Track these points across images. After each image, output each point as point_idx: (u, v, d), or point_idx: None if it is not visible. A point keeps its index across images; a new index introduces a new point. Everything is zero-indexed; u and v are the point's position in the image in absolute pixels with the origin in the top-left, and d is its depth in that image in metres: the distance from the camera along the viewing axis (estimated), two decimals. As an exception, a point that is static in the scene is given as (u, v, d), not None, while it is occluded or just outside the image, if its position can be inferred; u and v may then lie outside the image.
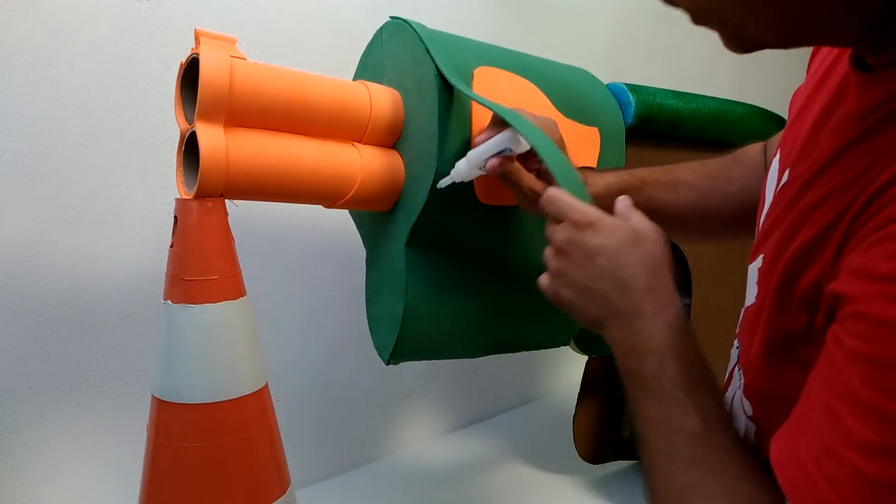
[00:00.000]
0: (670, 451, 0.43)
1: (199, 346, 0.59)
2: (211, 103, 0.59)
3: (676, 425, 0.43)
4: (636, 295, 0.47)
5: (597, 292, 0.49)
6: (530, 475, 1.13)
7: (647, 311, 0.47)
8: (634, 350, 0.47)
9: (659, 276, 0.48)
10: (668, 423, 0.44)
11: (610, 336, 0.49)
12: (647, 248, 0.49)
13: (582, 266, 0.50)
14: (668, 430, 0.44)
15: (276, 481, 0.64)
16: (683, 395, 0.44)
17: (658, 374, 0.45)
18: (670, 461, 0.43)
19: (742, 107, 1.00)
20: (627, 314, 0.48)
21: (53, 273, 0.80)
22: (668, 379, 0.45)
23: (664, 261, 0.49)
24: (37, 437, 0.81)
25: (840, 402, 0.32)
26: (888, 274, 0.30)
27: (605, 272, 0.48)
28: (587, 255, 0.49)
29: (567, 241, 0.51)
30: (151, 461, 0.60)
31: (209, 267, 0.59)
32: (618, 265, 0.48)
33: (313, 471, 1.08)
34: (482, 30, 1.24)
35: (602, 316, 0.49)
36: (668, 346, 0.46)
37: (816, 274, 0.37)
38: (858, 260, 0.33)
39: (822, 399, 0.33)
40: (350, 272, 1.05)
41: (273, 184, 0.64)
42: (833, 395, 0.32)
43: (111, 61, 0.81)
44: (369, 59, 0.80)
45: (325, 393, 1.10)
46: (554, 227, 0.53)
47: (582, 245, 0.49)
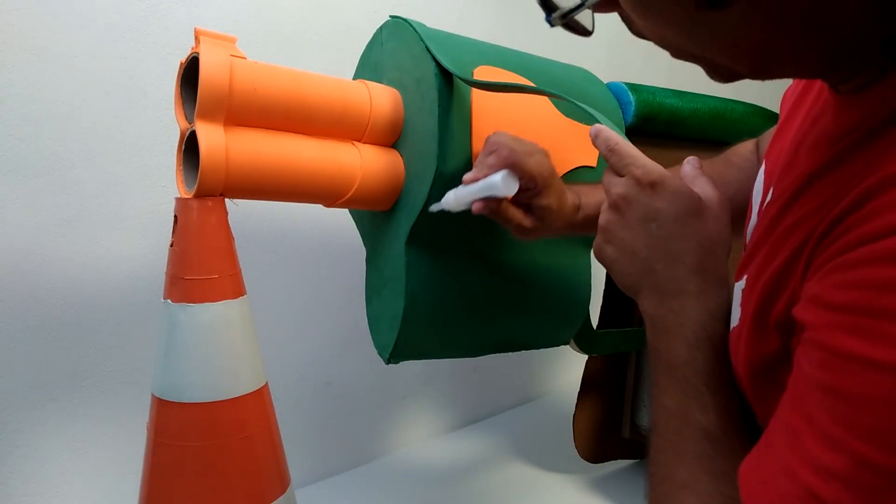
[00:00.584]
0: (680, 445, 0.42)
1: (199, 345, 0.59)
2: (211, 102, 0.59)
3: (693, 420, 0.42)
4: (682, 272, 0.44)
5: (642, 259, 0.46)
6: (530, 474, 1.13)
7: (691, 291, 0.44)
8: (668, 330, 0.45)
9: (712, 257, 0.45)
10: (684, 416, 0.42)
11: (645, 309, 0.47)
12: (706, 222, 0.46)
13: (633, 227, 0.46)
14: (683, 423, 0.42)
15: (276, 480, 0.64)
16: (706, 391, 0.42)
17: (686, 362, 0.43)
18: (678, 454, 0.42)
19: (741, 106, 1.01)
20: (668, 290, 0.45)
21: (53, 273, 0.80)
22: (695, 371, 0.43)
23: (722, 240, 0.46)
24: (37, 437, 0.81)
25: (803, 423, 0.32)
26: (843, 304, 0.30)
27: (655, 240, 0.45)
28: (641, 217, 0.46)
29: (624, 196, 0.47)
30: (151, 460, 0.60)
31: (209, 266, 0.59)
32: (670, 235, 0.45)
33: (313, 470, 1.08)
34: (482, 30, 1.24)
35: (641, 285, 0.47)
36: (704, 335, 0.43)
37: (787, 299, 0.37)
38: (816, 287, 0.33)
39: (788, 419, 0.34)
40: (350, 272, 1.05)
41: (273, 183, 0.64)
42: (797, 415, 0.33)
43: (111, 61, 0.81)
44: (369, 58, 0.80)
45: (325, 392, 1.10)
46: (612, 178, 0.49)
47: (639, 205, 0.46)
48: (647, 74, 1.60)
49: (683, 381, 0.43)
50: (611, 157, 0.50)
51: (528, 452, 1.21)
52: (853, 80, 0.37)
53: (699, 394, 0.42)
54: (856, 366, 0.29)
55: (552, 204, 0.65)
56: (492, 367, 1.37)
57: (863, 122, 0.36)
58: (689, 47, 0.37)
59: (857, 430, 0.29)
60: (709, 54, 0.37)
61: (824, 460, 0.30)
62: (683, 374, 0.43)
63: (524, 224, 0.65)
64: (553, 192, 0.65)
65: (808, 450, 0.31)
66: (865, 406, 0.28)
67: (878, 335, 0.28)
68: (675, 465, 0.42)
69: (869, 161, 0.33)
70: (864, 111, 0.36)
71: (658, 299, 0.45)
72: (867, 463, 0.28)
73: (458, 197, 0.64)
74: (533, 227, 0.66)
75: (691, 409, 0.42)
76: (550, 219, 0.66)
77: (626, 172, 0.48)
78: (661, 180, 0.46)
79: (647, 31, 0.37)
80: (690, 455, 0.41)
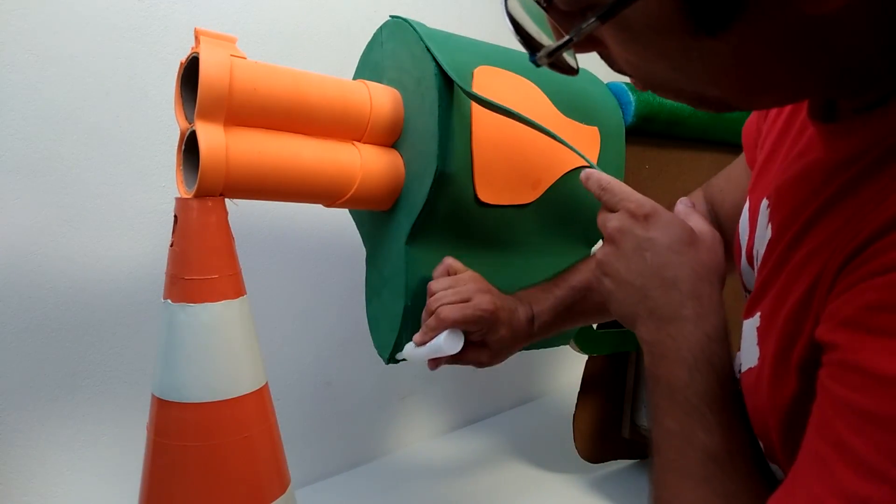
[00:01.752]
0: (684, 467, 0.42)
1: (199, 345, 0.59)
2: (211, 102, 0.59)
3: (697, 442, 0.42)
4: (678, 298, 0.45)
5: (637, 288, 0.47)
6: (530, 474, 1.13)
7: (687, 316, 0.45)
8: (666, 355, 0.45)
9: (706, 284, 0.46)
10: (688, 438, 0.42)
11: (643, 336, 0.47)
12: (700, 251, 0.47)
13: (628, 258, 0.47)
14: (687, 445, 0.42)
15: (276, 480, 0.64)
16: (709, 412, 0.42)
17: (687, 384, 0.43)
18: (682, 476, 0.42)
19: (742, 106, 1.01)
20: (665, 316, 0.45)
21: (53, 273, 0.80)
22: (696, 392, 0.43)
23: (716, 269, 0.47)
24: (37, 437, 0.81)
25: (831, 450, 0.31)
26: (882, 327, 0.29)
27: (650, 268, 0.46)
28: (636, 247, 0.47)
29: (619, 229, 0.48)
30: (151, 460, 0.60)
31: (209, 266, 0.59)
32: (665, 263, 0.46)
33: (313, 470, 1.08)
34: (482, 30, 1.24)
35: (638, 313, 0.47)
36: (703, 357, 0.43)
37: (809, 333, 0.36)
38: (848, 309, 0.32)
39: (814, 448, 0.33)
40: (350, 272, 1.05)
41: (273, 183, 0.64)
42: (824, 443, 0.32)
43: (111, 61, 0.81)
44: (369, 58, 0.80)
45: (324, 392, 1.10)
46: (607, 215, 0.51)
47: (633, 236, 0.47)
48: (647, 74, 1.60)
49: (685, 404, 0.43)
50: (603, 195, 0.52)
51: (528, 452, 1.21)
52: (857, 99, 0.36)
53: (701, 414, 0.42)
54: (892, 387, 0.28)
55: (504, 335, 0.68)
56: (492, 368, 1.36)
57: (870, 147, 0.35)
58: (677, 82, 0.36)
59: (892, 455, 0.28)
60: (699, 87, 0.36)
61: (857, 489, 0.29)
62: (685, 397, 0.43)
63: (482, 360, 0.69)
64: (501, 324, 0.67)
65: (837, 479, 0.30)
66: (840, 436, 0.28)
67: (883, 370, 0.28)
68: (681, 487, 0.42)
69: (885, 185, 0.32)
70: (869, 137, 0.35)
71: (655, 325, 0.46)
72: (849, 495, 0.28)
73: (412, 357, 0.68)
74: (490, 360, 0.70)
75: (694, 431, 0.42)
76: (506, 346, 0.69)
77: (620, 207, 0.50)
78: (653, 212, 0.48)
79: (631, 67, 0.36)
80: (697, 477, 0.41)
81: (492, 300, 0.66)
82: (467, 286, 0.66)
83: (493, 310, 0.65)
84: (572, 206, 0.81)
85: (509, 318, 0.68)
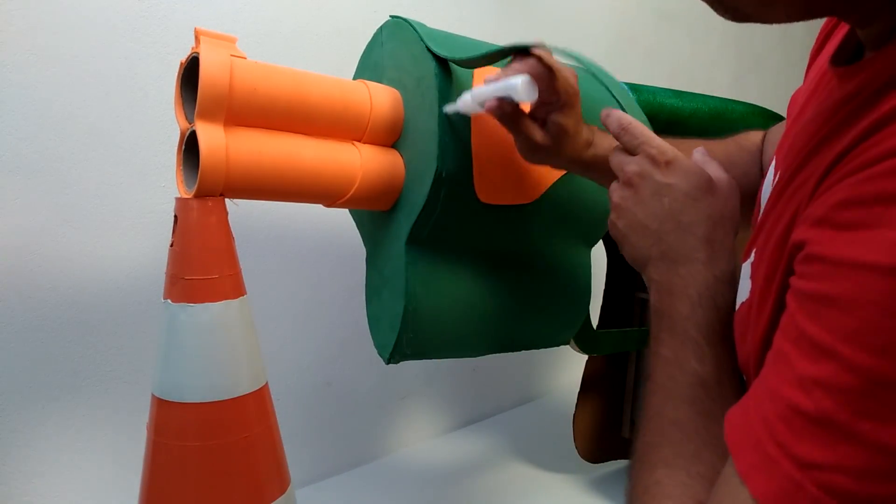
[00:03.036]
0: (672, 389, 0.44)
1: (199, 345, 0.59)
2: (211, 102, 0.59)
3: (688, 368, 0.44)
4: (692, 241, 0.47)
5: (653, 231, 0.48)
6: (530, 475, 1.13)
7: (699, 258, 0.46)
8: (672, 291, 0.47)
9: (720, 230, 0.47)
10: (680, 364, 0.44)
11: (652, 276, 0.49)
12: (717, 199, 0.48)
13: (647, 202, 0.49)
14: (678, 370, 0.44)
15: (276, 480, 0.64)
16: (705, 344, 0.44)
17: (688, 316, 0.45)
18: (668, 397, 0.44)
19: (742, 106, 1.01)
20: (677, 258, 0.47)
21: (53, 273, 0.80)
22: (695, 324, 0.45)
23: (731, 217, 0.48)
24: (37, 437, 0.81)
25: (791, 345, 0.31)
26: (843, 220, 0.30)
27: (668, 212, 0.48)
28: (655, 192, 0.48)
29: (639, 174, 0.49)
30: (151, 460, 0.60)
31: (209, 266, 0.59)
32: (683, 208, 0.47)
33: (313, 470, 1.08)
34: (482, 30, 1.24)
35: (651, 256, 0.49)
36: (707, 294, 0.45)
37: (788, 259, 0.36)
38: (818, 210, 0.32)
39: (777, 347, 0.33)
40: (350, 272, 1.05)
41: (273, 183, 0.65)
42: (786, 339, 0.32)
43: (111, 61, 0.81)
44: (369, 58, 0.80)
45: (325, 392, 1.10)
46: (625, 157, 0.51)
47: (653, 181, 0.48)
48: (647, 74, 1.60)
49: (683, 335, 0.45)
50: (623, 135, 0.52)
51: (528, 452, 1.21)
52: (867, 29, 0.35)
53: (697, 344, 0.44)
54: (848, 270, 0.28)
55: (569, 125, 0.61)
56: (492, 367, 1.37)
57: (872, 81, 0.34)
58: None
59: (842, 333, 0.28)
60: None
61: (808, 371, 0.29)
62: (684, 328, 0.45)
63: (535, 138, 0.62)
64: (573, 113, 0.61)
65: (792, 367, 0.30)
66: (853, 308, 0.28)
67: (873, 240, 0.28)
68: (665, 406, 0.44)
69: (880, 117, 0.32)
70: (872, 73, 0.35)
71: (666, 266, 0.47)
72: (852, 366, 0.27)
73: (475, 95, 0.61)
74: (544, 143, 0.62)
75: (688, 359, 0.44)
76: (563, 141, 0.62)
77: (640, 151, 0.50)
78: (675, 159, 0.49)
79: None
80: (682, 397, 0.43)
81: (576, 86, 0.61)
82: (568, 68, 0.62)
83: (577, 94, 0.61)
84: (572, 206, 0.81)
85: (579, 117, 0.63)
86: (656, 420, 0.44)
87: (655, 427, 0.43)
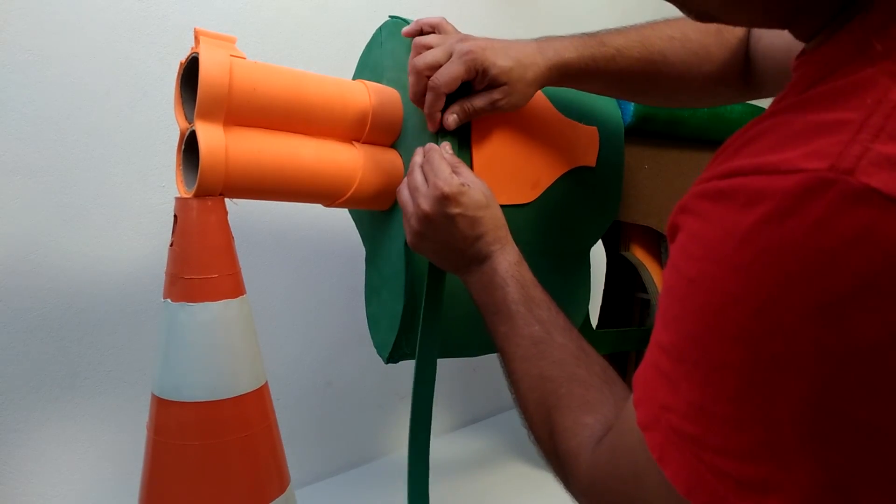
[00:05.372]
0: (521, 353, 0.53)
1: (199, 344, 0.59)
2: (210, 102, 0.59)
3: (523, 332, 0.53)
4: (486, 244, 0.59)
5: (456, 249, 0.59)
6: (530, 474, 1.13)
7: (494, 252, 0.59)
8: (485, 285, 0.58)
9: (502, 229, 0.60)
10: (516, 332, 0.54)
11: (467, 279, 0.61)
12: (493, 209, 0.60)
13: (444, 230, 0.59)
14: (517, 337, 0.54)
15: (276, 480, 0.64)
16: (525, 311, 0.54)
17: (503, 298, 0.56)
18: (523, 360, 0.53)
19: (741, 106, 1.01)
20: (481, 259, 0.59)
21: (53, 272, 0.80)
22: (511, 300, 0.55)
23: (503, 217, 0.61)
24: (37, 437, 0.81)
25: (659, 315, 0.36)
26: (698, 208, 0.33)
27: (464, 232, 0.58)
28: (450, 222, 0.58)
29: (433, 210, 0.58)
30: (151, 460, 0.60)
31: (209, 265, 0.59)
32: (474, 225, 0.58)
33: (313, 470, 1.08)
34: (482, 30, 1.24)
35: (460, 265, 0.60)
36: (510, 275, 0.57)
37: None
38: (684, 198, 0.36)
39: None
40: (350, 271, 1.05)
41: (272, 182, 0.65)
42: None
43: (111, 61, 0.81)
44: (369, 58, 0.80)
45: (325, 392, 1.10)
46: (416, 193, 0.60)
47: (446, 214, 0.58)
48: (646, 74, 1.60)
49: (506, 310, 0.55)
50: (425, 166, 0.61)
51: (529, 452, 1.21)
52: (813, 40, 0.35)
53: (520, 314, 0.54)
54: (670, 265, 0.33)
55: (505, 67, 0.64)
56: (492, 367, 1.36)
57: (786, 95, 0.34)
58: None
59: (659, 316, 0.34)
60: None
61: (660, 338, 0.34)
62: (505, 306, 0.55)
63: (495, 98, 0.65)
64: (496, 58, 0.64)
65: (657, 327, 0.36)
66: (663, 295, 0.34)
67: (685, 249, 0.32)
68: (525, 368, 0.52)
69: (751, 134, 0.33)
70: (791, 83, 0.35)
71: (475, 268, 0.59)
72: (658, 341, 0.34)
73: None
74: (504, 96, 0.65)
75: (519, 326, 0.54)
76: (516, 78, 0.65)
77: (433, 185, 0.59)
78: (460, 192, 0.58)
79: None
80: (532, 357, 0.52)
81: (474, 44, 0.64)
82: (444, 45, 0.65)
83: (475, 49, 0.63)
84: (572, 206, 0.81)
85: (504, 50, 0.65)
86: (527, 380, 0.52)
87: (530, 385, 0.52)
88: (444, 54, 0.63)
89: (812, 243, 0.25)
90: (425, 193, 0.59)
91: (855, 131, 0.26)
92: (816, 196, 0.25)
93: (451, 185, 0.58)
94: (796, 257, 0.26)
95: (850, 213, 0.25)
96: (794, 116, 0.30)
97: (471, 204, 0.58)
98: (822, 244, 0.25)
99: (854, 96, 0.28)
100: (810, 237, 0.25)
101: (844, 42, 0.31)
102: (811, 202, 0.26)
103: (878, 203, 0.24)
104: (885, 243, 0.24)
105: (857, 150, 0.25)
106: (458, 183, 0.58)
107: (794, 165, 0.27)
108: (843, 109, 0.27)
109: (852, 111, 0.27)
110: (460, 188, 0.58)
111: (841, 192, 0.25)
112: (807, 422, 0.27)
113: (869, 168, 0.25)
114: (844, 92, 0.28)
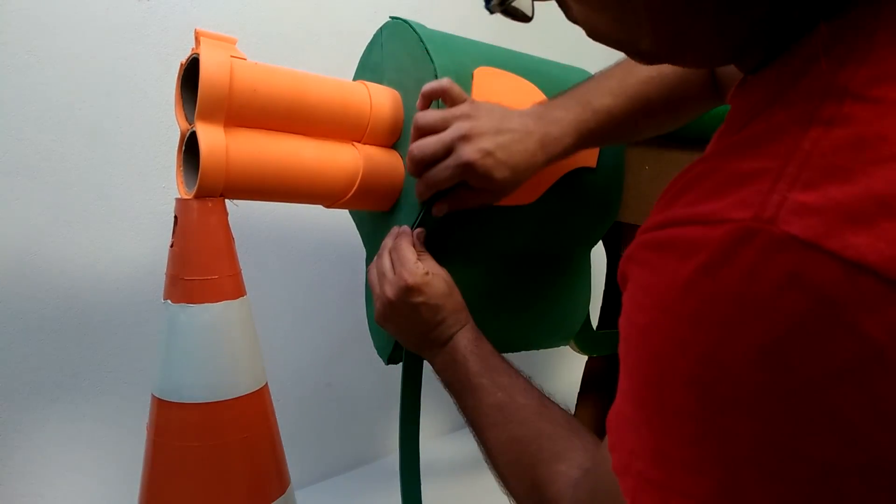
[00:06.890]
0: (489, 422, 0.57)
1: (199, 345, 0.59)
2: (211, 103, 0.59)
3: (488, 402, 0.57)
4: (447, 328, 0.62)
5: (419, 333, 0.63)
6: (530, 475, 1.13)
7: (455, 334, 0.62)
8: (448, 364, 0.62)
9: (462, 312, 0.64)
10: (481, 403, 0.58)
11: (430, 359, 0.64)
12: (455, 296, 0.64)
13: (407, 316, 0.62)
14: (483, 406, 0.58)
15: (276, 481, 0.64)
16: (487, 381, 0.58)
17: (465, 373, 0.60)
18: (492, 427, 0.56)
19: (742, 107, 1.01)
20: (442, 342, 0.63)
21: (53, 273, 0.80)
22: (472, 374, 0.59)
23: (462, 301, 0.65)
24: (37, 437, 0.81)
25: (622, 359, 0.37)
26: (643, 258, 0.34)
27: (426, 319, 0.62)
28: (413, 310, 0.62)
29: (397, 299, 0.61)
30: (151, 460, 0.60)
31: (209, 267, 0.59)
32: (436, 312, 0.62)
33: (313, 470, 1.08)
34: (482, 30, 1.24)
35: (422, 347, 0.64)
36: (469, 351, 0.61)
37: None
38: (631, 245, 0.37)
39: None
40: (350, 272, 1.05)
41: (273, 183, 0.65)
42: None
43: (111, 61, 0.81)
44: (369, 59, 0.80)
45: (325, 393, 1.10)
46: (383, 278, 0.63)
47: (409, 304, 0.61)
48: (647, 75, 1.60)
49: (470, 385, 0.59)
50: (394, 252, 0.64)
51: (528, 453, 1.21)
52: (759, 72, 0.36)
53: (482, 385, 0.58)
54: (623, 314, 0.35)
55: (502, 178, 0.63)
56: (492, 368, 1.37)
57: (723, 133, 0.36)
58: (618, 33, 0.38)
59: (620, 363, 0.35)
60: (635, 39, 0.37)
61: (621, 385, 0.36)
62: (468, 381, 0.59)
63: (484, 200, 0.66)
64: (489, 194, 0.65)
65: None
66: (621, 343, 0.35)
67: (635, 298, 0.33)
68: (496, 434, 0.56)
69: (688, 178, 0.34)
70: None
71: (437, 350, 0.63)
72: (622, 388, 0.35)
73: None
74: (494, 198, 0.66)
75: (482, 397, 0.58)
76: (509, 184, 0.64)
77: (399, 273, 0.62)
78: (423, 283, 0.61)
79: (581, 16, 0.39)
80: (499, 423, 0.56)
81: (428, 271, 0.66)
82: None
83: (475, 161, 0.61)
84: (572, 206, 0.81)
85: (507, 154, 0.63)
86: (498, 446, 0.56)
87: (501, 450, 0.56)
88: (442, 149, 0.62)
89: (745, 290, 0.27)
90: (391, 281, 0.62)
91: (773, 181, 0.28)
92: (744, 245, 0.27)
93: (414, 276, 0.61)
94: (733, 304, 0.27)
95: (775, 259, 0.26)
96: (724, 163, 0.32)
97: (433, 294, 0.62)
98: (754, 291, 0.27)
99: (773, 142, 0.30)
100: (743, 284, 0.27)
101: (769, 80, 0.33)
102: (740, 251, 0.27)
103: (798, 249, 0.26)
104: (809, 286, 0.25)
105: (777, 199, 0.27)
106: (422, 273, 0.61)
107: (723, 216, 0.28)
108: (763, 157, 0.29)
109: (771, 159, 0.29)
110: (424, 278, 0.61)
111: (765, 241, 0.26)
112: (763, 462, 0.27)
113: (788, 216, 0.26)
114: (766, 138, 0.30)
